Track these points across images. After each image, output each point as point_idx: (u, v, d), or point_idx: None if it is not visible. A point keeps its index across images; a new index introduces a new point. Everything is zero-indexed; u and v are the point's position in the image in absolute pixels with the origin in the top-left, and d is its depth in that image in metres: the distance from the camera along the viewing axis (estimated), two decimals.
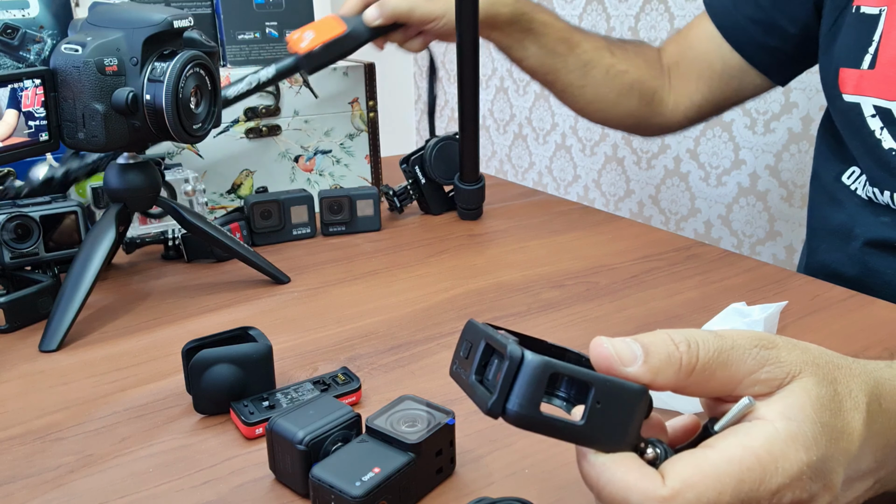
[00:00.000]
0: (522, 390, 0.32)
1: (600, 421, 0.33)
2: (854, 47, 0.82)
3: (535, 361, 0.33)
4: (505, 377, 0.33)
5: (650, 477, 0.33)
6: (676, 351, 0.34)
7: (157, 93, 0.68)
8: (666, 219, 1.66)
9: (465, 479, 0.49)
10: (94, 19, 0.70)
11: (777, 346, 0.35)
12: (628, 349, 0.35)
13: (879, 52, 0.79)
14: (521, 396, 0.32)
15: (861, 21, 0.82)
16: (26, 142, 0.68)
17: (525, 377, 0.32)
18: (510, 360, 0.33)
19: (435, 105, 1.11)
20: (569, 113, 1.85)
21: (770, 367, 0.35)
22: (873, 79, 0.80)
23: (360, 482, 0.42)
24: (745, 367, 0.35)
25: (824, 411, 0.34)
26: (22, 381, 0.63)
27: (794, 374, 0.35)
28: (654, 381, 0.34)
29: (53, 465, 0.51)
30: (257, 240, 0.95)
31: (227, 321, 0.74)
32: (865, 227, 0.85)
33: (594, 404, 0.33)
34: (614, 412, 0.34)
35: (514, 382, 0.33)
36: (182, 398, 0.59)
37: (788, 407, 0.34)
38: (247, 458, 0.52)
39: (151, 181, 0.76)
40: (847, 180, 0.88)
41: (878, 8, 0.80)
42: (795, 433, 0.33)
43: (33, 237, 0.75)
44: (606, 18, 1.68)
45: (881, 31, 0.79)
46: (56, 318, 0.69)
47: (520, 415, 0.33)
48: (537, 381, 0.32)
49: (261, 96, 1.02)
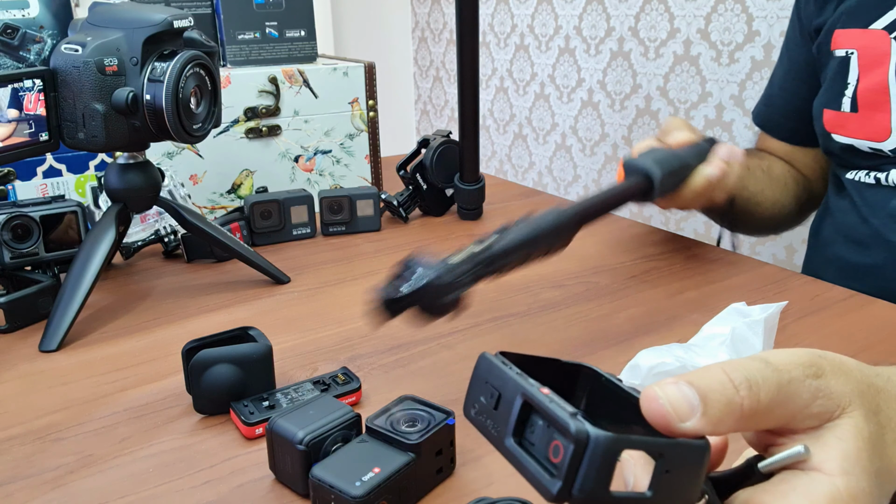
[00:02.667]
0: (593, 473, 0.29)
1: (668, 487, 0.30)
2: (831, 89, 0.86)
3: (605, 441, 0.28)
4: (571, 461, 0.29)
5: None
6: (737, 395, 0.32)
7: (157, 93, 0.68)
8: (666, 219, 1.66)
9: (465, 479, 0.49)
10: (94, 19, 0.70)
11: (825, 373, 0.34)
12: (685, 401, 0.31)
13: (859, 95, 0.82)
14: (590, 480, 0.29)
15: (836, 64, 0.85)
16: (26, 142, 0.68)
17: (595, 459, 0.28)
18: (576, 442, 0.29)
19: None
20: (569, 113, 1.85)
21: (822, 401, 0.33)
22: (857, 122, 0.83)
23: (360, 482, 0.42)
24: (801, 401, 0.33)
25: (874, 455, 0.33)
26: (22, 382, 0.63)
27: (844, 407, 0.34)
28: (714, 431, 0.32)
29: (53, 466, 0.51)
30: (257, 240, 0.95)
31: (227, 321, 0.74)
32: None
33: (663, 472, 0.30)
34: (681, 475, 0.31)
35: (581, 464, 0.29)
36: (182, 398, 0.59)
37: (846, 459, 0.33)
38: (247, 459, 0.51)
39: (151, 181, 0.76)
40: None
41: (845, 51, 0.84)
42: (855, 492, 0.32)
43: (33, 237, 0.75)
44: (606, 18, 1.68)
45: (857, 75, 0.83)
46: (56, 318, 0.69)
47: (589, 499, 0.29)
48: (609, 463, 0.29)
49: (260, 96, 1.02)
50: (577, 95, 1.81)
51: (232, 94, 1.00)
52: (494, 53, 2.05)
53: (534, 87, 1.95)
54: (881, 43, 0.80)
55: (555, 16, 1.82)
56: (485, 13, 2.02)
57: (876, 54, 0.80)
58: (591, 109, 1.78)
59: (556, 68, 1.86)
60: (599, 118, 1.77)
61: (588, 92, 1.78)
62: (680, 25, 1.52)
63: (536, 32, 1.89)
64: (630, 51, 1.64)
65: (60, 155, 0.93)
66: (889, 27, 0.79)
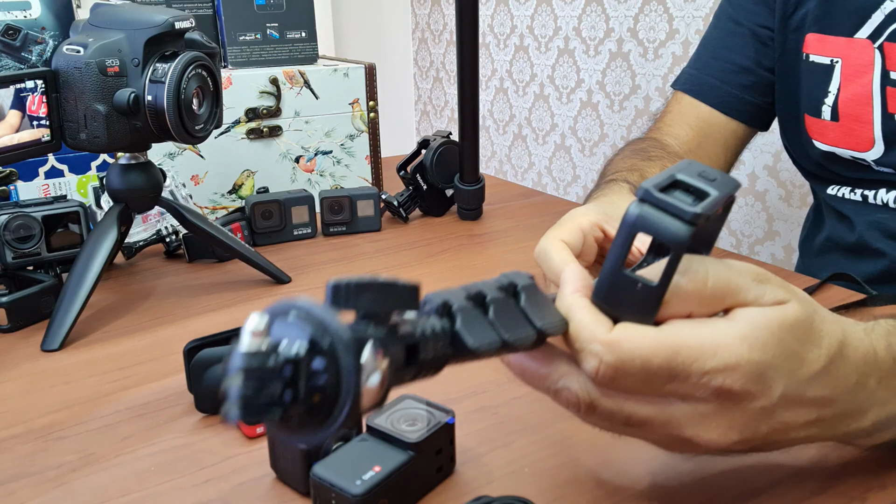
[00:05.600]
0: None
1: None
2: (811, 95, 0.84)
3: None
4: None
5: (601, 322, 0.37)
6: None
7: (158, 94, 0.69)
8: None
9: (464, 477, 0.49)
10: (95, 20, 0.70)
11: (770, 280, 0.38)
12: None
13: (840, 105, 0.81)
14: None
15: (812, 70, 0.83)
16: (28, 142, 0.68)
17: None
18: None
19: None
20: (568, 113, 1.86)
21: (769, 294, 0.37)
22: (838, 131, 0.82)
23: (360, 481, 0.42)
24: (747, 296, 0.37)
25: (792, 334, 0.37)
26: (24, 381, 0.63)
27: (782, 301, 0.37)
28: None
29: (55, 464, 0.52)
30: (258, 240, 0.95)
31: (229, 321, 0.74)
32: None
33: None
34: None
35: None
36: (183, 397, 0.59)
37: (755, 314, 0.37)
38: (248, 457, 0.52)
39: (153, 181, 0.76)
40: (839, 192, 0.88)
41: (828, 58, 0.81)
42: (746, 333, 0.36)
43: (35, 237, 0.76)
44: (606, 19, 1.69)
45: (838, 84, 0.81)
46: (58, 317, 0.70)
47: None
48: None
49: (261, 97, 1.02)
50: (576, 96, 1.82)
51: (233, 94, 1.00)
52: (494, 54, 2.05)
53: (533, 88, 1.95)
54: (864, 53, 0.78)
55: (554, 17, 1.83)
56: (485, 14, 2.03)
57: (860, 64, 0.79)
58: (591, 110, 1.79)
59: (555, 69, 1.86)
60: (599, 119, 1.77)
61: (587, 93, 1.78)
62: (679, 26, 1.53)
63: (536, 33, 1.90)
64: (629, 52, 1.64)
65: (62, 155, 0.93)
66: (873, 35, 0.78)
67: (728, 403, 0.37)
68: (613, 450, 0.50)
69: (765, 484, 0.46)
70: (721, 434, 0.37)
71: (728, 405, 0.37)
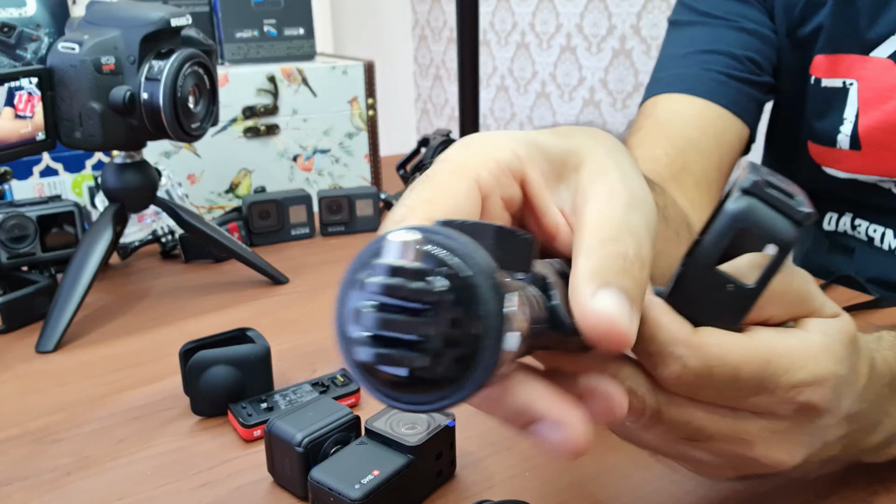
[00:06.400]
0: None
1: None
2: (820, 124, 0.77)
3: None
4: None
5: (683, 323, 0.32)
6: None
7: (154, 91, 0.68)
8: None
9: (465, 481, 0.48)
10: (91, 17, 0.70)
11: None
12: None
13: (861, 133, 0.73)
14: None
15: (823, 95, 0.76)
16: (23, 141, 0.68)
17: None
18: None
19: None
20: (570, 112, 1.85)
21: (829, 305, 0.36)
22: (862, 160, 0.74)
23: (359, 485, 0.42)
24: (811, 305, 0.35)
25: (854, 347, 0.35)
26: (19, 382, 0.63)
27: (838, 313, 0.36)
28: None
29: (50, 467, 0.51)
30: (256, 240, 0.94)
31: (225, 322, 0.73)
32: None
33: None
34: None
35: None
36: (180, 400, 0.59)
37: (828, 326, 0.35)
38: (245, 461, 0.51)
39: (148, 181, 0.75)
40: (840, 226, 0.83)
41: (841, 80, 0.74)
42: (828, 346, 0.34)
43: (30, 237, 0.75)
44: (608, 17, 1.68)
45: (856, 109, 0.73)
46: (53, 318, 0.69)
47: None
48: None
49: (259, 94, 1.02)
50: (578, 94, 1.81)
51: (230, 92, 1.00)
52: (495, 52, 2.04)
53: (535, 86, 1.94)
54: (886, 74, 0.70)
55: (556, 14, 1.82)
56: (485, 11, 2.02)
57: (881, 87, 0.71)
58: (593, 108, 1.78)
59: (557, 67, 1.86)
60: (601, 117, 1.77)
61: (590, 90, 1.78)
62: None
63: (537, 31, 1.89)
64: (632, 49, 1.64)
65: (57, 154, 0.93)
66: (895, 55, 0.70)
67: (804, 419, 0.34)
68: (615, 454, 0.49)
69: (769, 487, 0.45)
70: (789, 453, 0.35)
71: (804, 421, 0.34)
